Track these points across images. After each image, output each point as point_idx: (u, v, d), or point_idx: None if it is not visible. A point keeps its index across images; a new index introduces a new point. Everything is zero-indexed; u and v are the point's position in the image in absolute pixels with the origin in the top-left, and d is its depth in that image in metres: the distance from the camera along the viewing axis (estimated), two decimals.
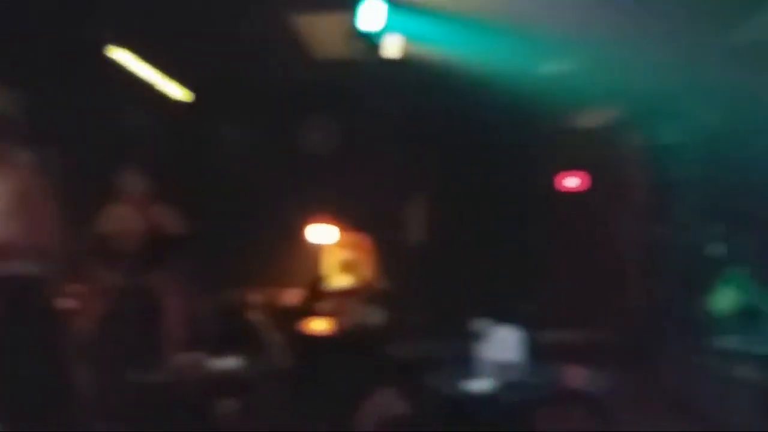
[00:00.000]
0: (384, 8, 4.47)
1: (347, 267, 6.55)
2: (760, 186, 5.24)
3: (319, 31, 5.36)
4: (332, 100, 6.80)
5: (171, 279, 4.39)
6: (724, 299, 4.77)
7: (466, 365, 2.79)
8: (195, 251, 6.37)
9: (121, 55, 5.39)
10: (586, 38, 5.27)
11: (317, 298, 5.52)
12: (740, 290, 4.70)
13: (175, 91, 6.53)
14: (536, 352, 3.06)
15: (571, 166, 8.45)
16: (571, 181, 8.64)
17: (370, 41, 4.62)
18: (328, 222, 6.78)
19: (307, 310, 5.45)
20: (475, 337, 2.86)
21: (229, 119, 6.93)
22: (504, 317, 2.96)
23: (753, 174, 5.33)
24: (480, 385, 2.43)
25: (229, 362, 3.23)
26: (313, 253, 6.80)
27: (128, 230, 4.23)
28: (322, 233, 6.79)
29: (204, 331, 4.54)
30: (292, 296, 6.19)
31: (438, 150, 6.95)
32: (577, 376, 2.70)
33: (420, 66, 5.40)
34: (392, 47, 4.84)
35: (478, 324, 3.09)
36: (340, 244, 6.64)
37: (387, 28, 4.66)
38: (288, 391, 4.76)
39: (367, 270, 6.45)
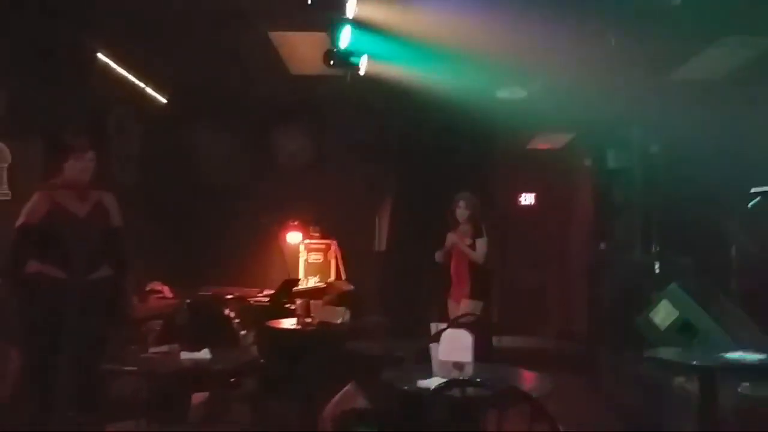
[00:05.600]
0: (351, 30, 4.51)
1: (316, 270, 6.55)
2: (695, 210, 5.38)
3: (295, 48, 5.36)
4: (307, 115, 6.79)
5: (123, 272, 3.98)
6: (662, 313, 4.83)
7: (423, 364, 2.80)
8: (174, 250, 6.34)
9: (106, 60, 5.34)
10: (541, 68, 5.38)
11: (288, 297, 5.49)
12: (676, 305, 4.76)
13: (158, 97, 6.45)
14: (487, 355, 3.09)
15: (527, 185, 8.59)
16: (527, 199, 8.79)
17: (345, 60, 4.64)
18: (300, 228, 6.77)
19: (278, 308, 5.41)
20: (432, 338, 2.87)
21: (212, 128, 6.87)
22: (459, 322, 2.98)
23: (688, 199, 5.47)
24: (433, 382, 2.44)
25: (201, 355, 3.17)
26: (286, 255, 6.79)
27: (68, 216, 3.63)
28: (294, 238, 6.78)
29: (179, 325, 4.47)
30: (265, 295, 6.16)
31: (402, 164, 7.00)
32: (522, 379, 2.72)
33: (386, 85, 5.43)
34: (362, 67, 4.87)
35: (435, 326, 3.11)
36: (310, 249, 6.63)
37: (358, 49, 4.69)
38: (258, 385, 4.72)
39: (335, 273, 6.45)
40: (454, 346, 2.68)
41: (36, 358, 3.57)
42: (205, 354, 3.13)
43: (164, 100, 6.51)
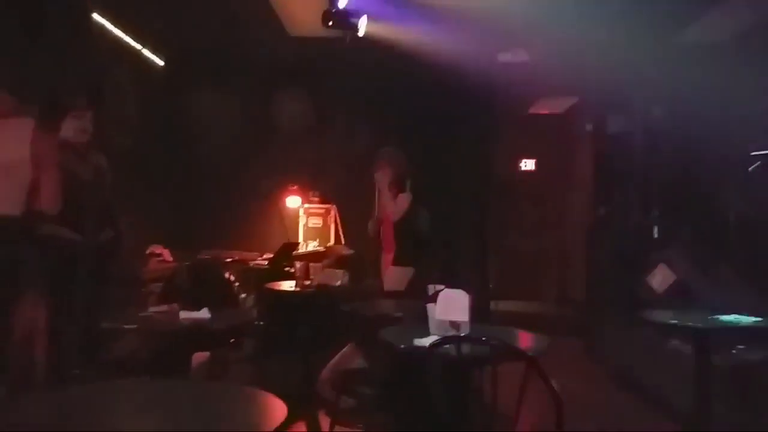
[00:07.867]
0: None
1: (316, 234, 6.57)
2: (695, 175, 5.36)
3: (293, 8, 5.28)
4: (305, 77, 6.71)
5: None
6: (660, 277, 4.86)
7: (420, 323, 2.83)
8: (174, 213, 6.35)
9: (102, 21, 5.26)
10: (543, 31, 5.30)
11: (287, 261, 5.52)
12: (674, 269, 4.79)
13: (155, 59, 6.37)
14: (484, 315, 3.12)
15: (527, 150, 8.56)
16: (527, 164, 8.77)
17: (344, 21, 4.57)
18: (299, 192, 6.77)
19: (278, 271, 5.45)
20: (429, 298, 2.90)
21: (210, 90, 6.80)
22: (458, 283, 3.00)
23: (688, 164, 5.45)
24: (429, 340, 2.47)
25: (200, 314, 3.20)
26: (285, 220, 6.80)
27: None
28: (293, 202, 6.78)
29: (179, 288, 4.50)
30: (265, 259, 6.19)
31: (402, 128, 6.95)
32: (517, 338, 2.75)
33: (386, 47, 5.35)
34: (361, 28, 4.79)
35: (432, 287, 3.13)
36: (310, 213, 6.64)
37: (358, 9, 4.62)
38: (257, 345, 4.78)
39: (334, 237, 6.47)
40: (450, 306, 2.70)
41: (51, 319, 3.62)
42: (204, 313, 3.16)
43: (161, 63, 6.45)
